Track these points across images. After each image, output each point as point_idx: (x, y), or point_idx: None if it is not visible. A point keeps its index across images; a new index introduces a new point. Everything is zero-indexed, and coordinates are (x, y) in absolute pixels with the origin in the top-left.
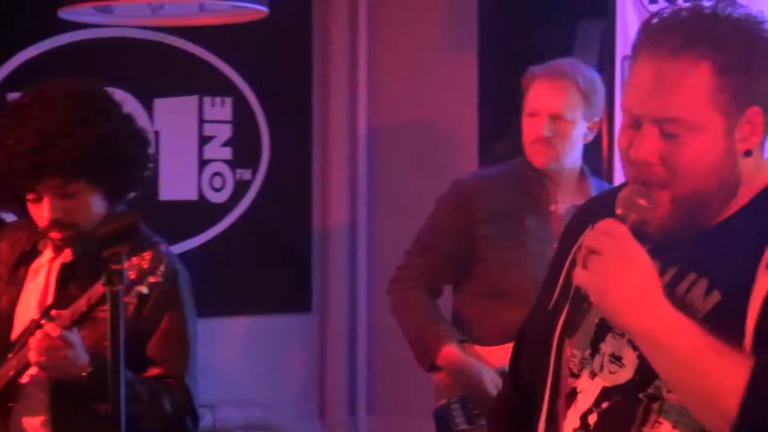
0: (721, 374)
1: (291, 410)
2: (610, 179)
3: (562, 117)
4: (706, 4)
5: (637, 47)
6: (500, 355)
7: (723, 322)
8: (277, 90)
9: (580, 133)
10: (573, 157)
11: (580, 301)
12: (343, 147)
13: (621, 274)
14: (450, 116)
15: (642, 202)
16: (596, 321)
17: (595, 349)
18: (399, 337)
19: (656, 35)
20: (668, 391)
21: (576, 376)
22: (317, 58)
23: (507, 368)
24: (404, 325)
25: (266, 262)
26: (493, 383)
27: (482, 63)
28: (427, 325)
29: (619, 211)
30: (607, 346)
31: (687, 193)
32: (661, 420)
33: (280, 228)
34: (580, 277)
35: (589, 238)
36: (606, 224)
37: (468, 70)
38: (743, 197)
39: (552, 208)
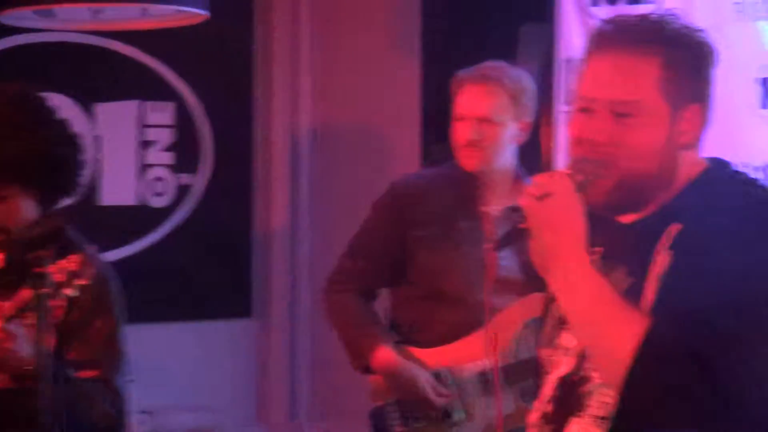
0: (619, 324)
1: (232, 415)
2: None
3: (490, 120)
4: (654, 14)
5: (593, 45)
6: (437, 357)
7: (632, 301)
8: (219, 94)
9: (509, 135)
10: (504, 159)
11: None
12: (285, 150)
13: (564, 220)
14: (393, 119)
15: (590, 166)
16: (556, 320)
17: (554, 346)
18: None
19: (613, 34)
20: (594, 370)
21: (547, 373)
22: (259, 62)
23: (444, 370)
24: (338, 328)
25: (207, 267)
26: (428, 385)
27: (425, 65)
28: (361, 328)
29: (570, 170)
30: (563, 340)
31: (629, 173)
32: (589, 402)
33: (222, 233)
34: (534, 207)
35: (542, 178)
36: (559, 174)
37: (411, 73)
38: (671, 193)
39: (484, 209)
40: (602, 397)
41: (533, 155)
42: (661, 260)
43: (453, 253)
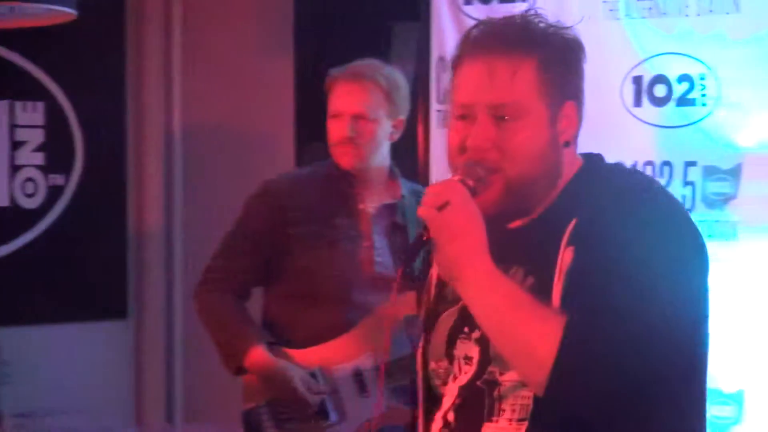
0: (536, 324)
1: (108, 417)
2: (426, 180)
3: (365, 117)
4: (518, 16)
5: (464, 50)
6: (311, 356)
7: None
8: (90, 94)
9: (384, 133)
10: (380, 157)
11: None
12: (158, 151)
13: (467, 226)
14: (267, 119)
15: (480, 171)
16: (447, 331)
17: (450, 357)
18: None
19: (485, 38)
20: (501, 374)
21: (446, 384)
22: (130, 61)
23: (317, 370)
24: (210, 328)
25: (81, 268)
26: (303, 383)
27: (298, 64)
28: (233, 328)
29: (457, 177)
30: (459, 351)
31: (517, 177)
32: (503, 407)
33: (95, 234)
34: (434, 217)
35: (437, 188)
36: (452, 182)
37: (284, 72)
38: (557, 192)
39: (361, 206)
40: (518, 400)
41: (409, 154)
42: (566, 257)
43: (328, 251)
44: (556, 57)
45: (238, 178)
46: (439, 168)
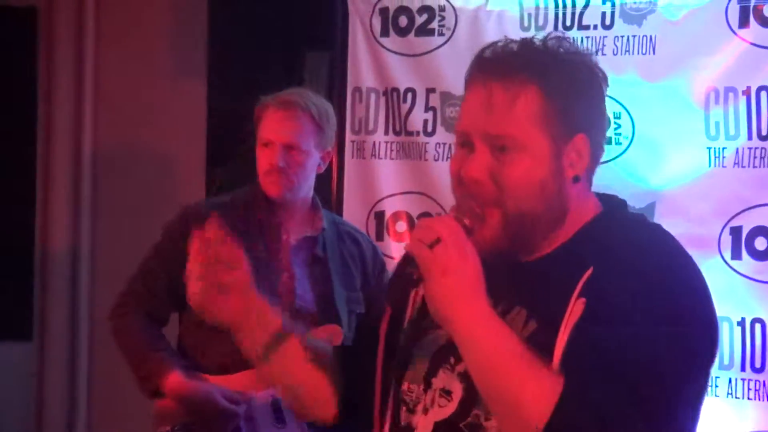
0: (530, 383)
1: None
2: (339, 211)
3: (297, 147)
4: (536, 39)
5: (470, 76)
6: (229, 383)
7: (538, 348)
8: (0, 111)
9: (314, 163)
10: (306, 187)
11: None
12: (67, 170)
13: (459, 265)
14: (178, 142)
15: (476, 208)
16: (430, 356)
17: (428, 384)
18: (121, 366)
19: (488, 64)
20: (486, 419)
21: (412, 411)
22: (42, 80)
23: (238, 394)
24: (126, 351)
25: None
26: (224, 398)
27: (211, 89)
28: (149, 352)
29: (454, 213)
30: (439, 381)
31: (515, 212)
32: None
33: (1, 254)
34: (425, 254)
35: (428, 222)
36: (446, 218)
37: (197, 96)
38: (568, 231)
39: (284, 237)
40: None
41: (322, 184)
42: (576, 309)
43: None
44: (565, 86)
45: (147, 201)
46: (352, 199)
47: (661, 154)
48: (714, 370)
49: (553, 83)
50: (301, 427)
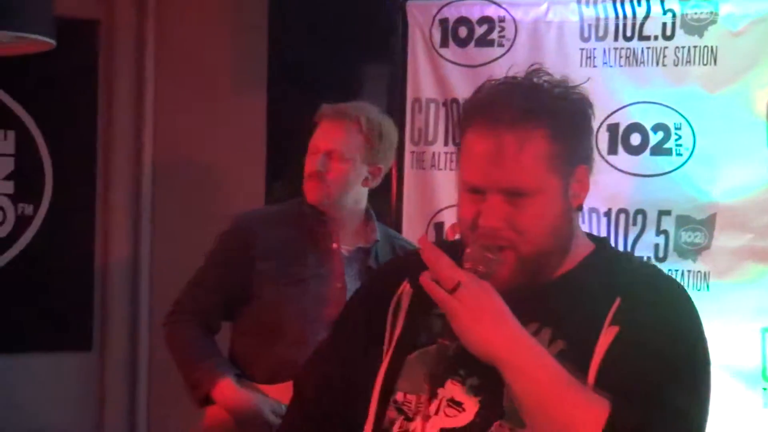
0: (579, 409)
1: None
2: (398, 221)
3: (337, 154)
4: (522, 78)
5: (469, 120)
6: (276, 393)
7: (566, 367)
8: (62, 124)
9: (357, 175)
10: (352, 198)
11: (410, 345)
12: (128, 183)
13: (488, 305)
14: (237, 155)
15: (490, 255)
16: (433, 366)
17: (433, 394)
18: (180, 376)
19: (489, 109)
20: (511, 430)
21: (410, 419)
22: (102, 93)
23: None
24: (178, 358)
25: (47, 298)
26: (273, 413)
27: (271, 102)
28: (201, 359)
29: (468, 265)
30: (446, 392)
31: (531, 252)
32: None
33: (62, 264)
34: (448, 300)
35: (445, 268)
36: (466, 274)
37: (257, 109)
38: (579, 251)
39: (334, 246)
40: None
41: (381, 196)
42: (608, 335)
43: (296, 288)
44: (566, 123)
45: (206, 213)
46: (411, 209)
47: (721, 165)
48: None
49: (559, 124)
50: None
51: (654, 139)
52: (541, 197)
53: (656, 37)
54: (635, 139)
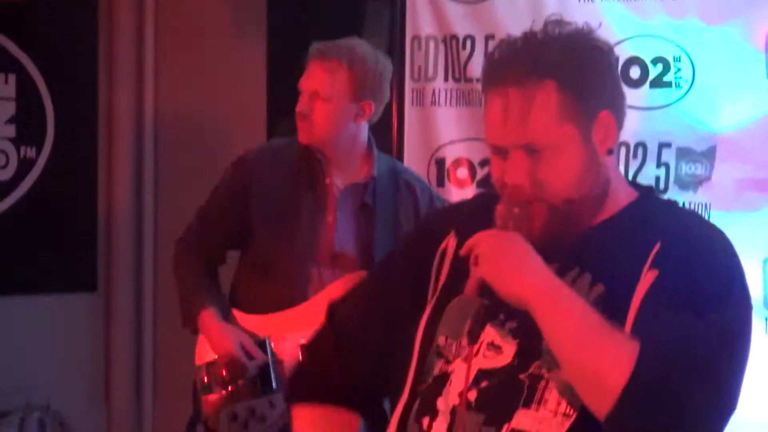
0: (609, 349)
1: (74, 392)
2: (399, 158)
3: (320, 94)
4: (537, 31)
5: (485, 82)
6: (262, 325)
7: (606, 311)
8: (62, 67)
9: (345, 113)
10: (346, 135)
11: (452, 293)
12: (130, 124)
13: (507, 254)
14: (238, 95)
15: (517, 210)
16: (473, 311)
17: (473, 339)
18: None
19: (499, 69)
20: (548, 371)
21: (449, 362)
22: (103, 36)
23: (267, 339)
24: (177, 288)
25: (51, 240)
26: (241, 348)
27: (271, 42)
28: (195, 290)
29: (498, 223)
30: (487, 336)
31: (561, 203)
32: (546, 396)
33: (66, 206)
34: (476, 273)
35: (470, 243)
36: (485, 231)
37: (257, 50)
38: (619, 198)
39: (327, 182)
40: (566, 397)
41: (382, 133)
42: (647, 278)
43: (289, 225)
44: (578, 72)
45: (208, 155)
46: (412, 146)
47: (721, 97)
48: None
49: (567, 74)
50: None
51: (653, 72)
52: (560, 149)
53: None
54: (635, 72)
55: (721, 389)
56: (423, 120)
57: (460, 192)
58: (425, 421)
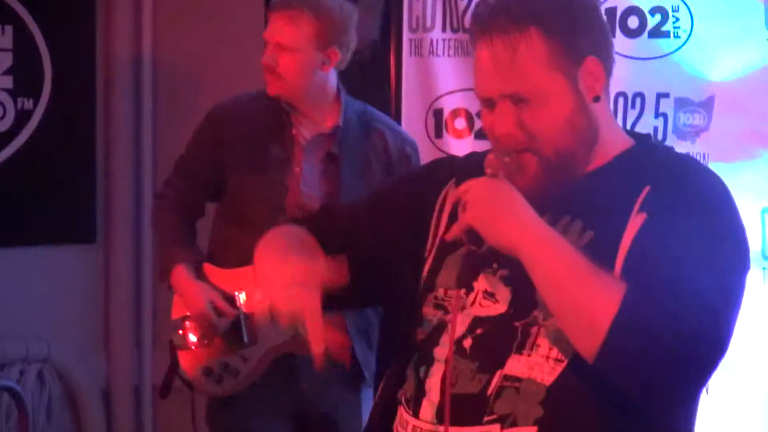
0: (596, 291)
1: (73, 344)
2: (397, 113)
3: (284, 45)
4: None
5: (472, 34)
6: (233, 279)
7: (595, 256)
8: (59, 18)
9: (309, 62)
10: (314, 85)
11: (450, 246)
12: (128, 76)
13: (496, 200)
14: (236, 39)
15: (507, 159)
16: (468, 262)
17: (469, 288)
18: None
19: (484, 20)
20: (544, 319)
21: (447, 312)
22: None
23: (237, 293)
24: (156, 243)
25: (49, 192)
26: (210, 305)
27: None
28: (170, 245)
29: (488, 171)
30: (480, 284)
31: (551, 152)
32: (539, 342)
33: (64, 158)
34: (464, 219)
35: (460, 190)
36: (474, 179)
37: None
38: (612, 146)
39: (293, 132)
40: (559, 343)
41: (381, 83)
42: (636, 222)
43: (259, 177)
44: (562, 18)
45: (207, 103)
46: (410, 97)
47: (719, 47)
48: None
49: (551, 20)
50: (266, 348)
51: (652, 21)
52: (547, 97)
53: None
54: (633, 22)
55: (712, 328)
56: (421, 71)
57: (458, 143)
58: (422, 369)
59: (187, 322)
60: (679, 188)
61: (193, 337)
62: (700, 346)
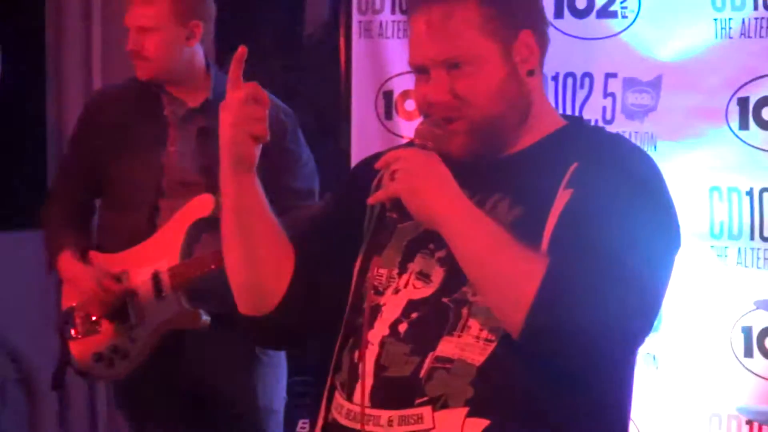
0: (520, 266)
1: (26, 329)
2: (347, 96)
3: (145, 27)
4: None
5: (410, 5)
6: (117, 261)
7: (523, 232)
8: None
9: (174, 39)
10: (181, 61)
11: (386, 223)
12: (79, 51)
13: (425, 174)
14: None
15: (438, 131)
16: (405, 243)
17: (403, 269)
18: None
19: None
20: (473, 295)
21: (380, 293)
22: None
23: (122, 274)
24: (44, 238)
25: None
26: (99, 283)
27: None
28: (53, 236)
29: (417, 141)
30: (416, 265)
31: (481, 119)
32: (470, 323)
33: (15, 143)
34: (391, 187)
35: (390, 155)
36: (404, 149)
37: None
38: (543, 126)
39: (166, 113)
40: (489, 321)
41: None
42: (563, 197)
43: (134, 160)
44: None
45: None
46: (360, 78)
47: (667, 26)
48: (723, 240)
49: None
50: (178, 298)
51: (599, 2)
52: (479, 63)
53: None
54: (581, 2)
55: (638, 299)
56: (370, 52)
57: (408, 124)
58: (356, 353)
59: (74, 311)
60: (607, 165)
61: (81, 327)
62: (626, 318)
